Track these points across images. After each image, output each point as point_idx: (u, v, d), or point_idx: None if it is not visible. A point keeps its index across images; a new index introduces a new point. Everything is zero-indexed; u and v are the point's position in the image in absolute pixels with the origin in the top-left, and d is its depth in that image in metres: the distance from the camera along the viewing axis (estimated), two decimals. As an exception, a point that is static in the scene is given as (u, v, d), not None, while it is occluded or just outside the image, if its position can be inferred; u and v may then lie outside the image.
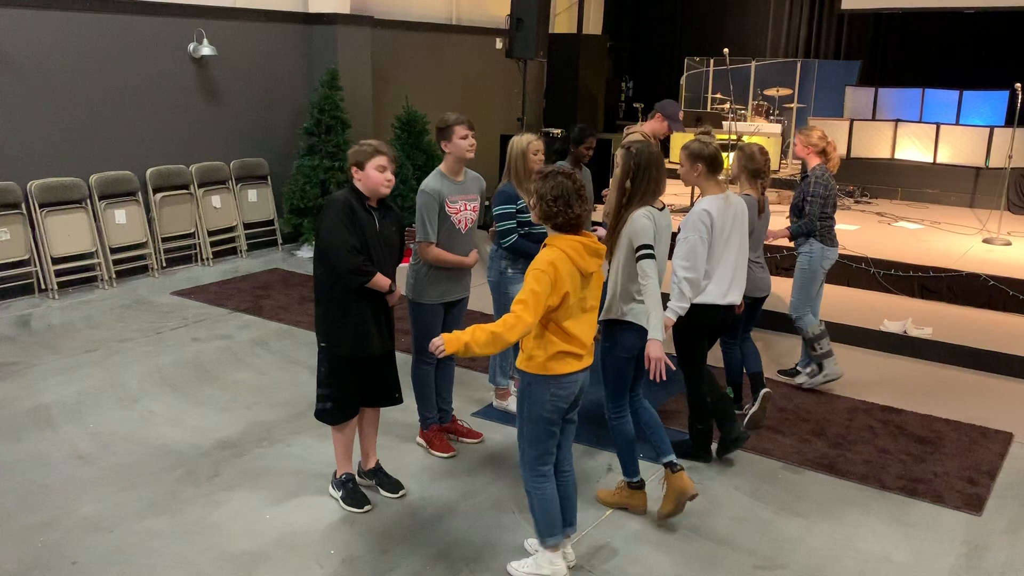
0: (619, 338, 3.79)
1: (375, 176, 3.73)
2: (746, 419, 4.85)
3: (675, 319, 4.00)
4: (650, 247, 3.66)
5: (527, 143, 4.64)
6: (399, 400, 4.11)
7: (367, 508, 3.97)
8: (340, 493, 4.02)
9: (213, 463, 4.38)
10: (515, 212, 4.56)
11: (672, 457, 3.93)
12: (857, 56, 13.08)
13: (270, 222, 8.88)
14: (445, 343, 3.10)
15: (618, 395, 3.91)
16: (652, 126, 5.70)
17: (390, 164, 3.76)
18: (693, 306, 4.07)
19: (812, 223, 5.33)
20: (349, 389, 3.90)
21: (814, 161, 5.40)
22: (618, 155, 3.83)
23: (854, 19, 12.90)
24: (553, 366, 3.24)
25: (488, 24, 11.22)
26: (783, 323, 6.24)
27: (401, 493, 4.11)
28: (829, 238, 5.43)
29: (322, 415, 3.95)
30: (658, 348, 3.62)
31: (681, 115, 5.95)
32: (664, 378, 3.60)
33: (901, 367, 6.10)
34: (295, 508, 3.99)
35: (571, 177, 3.21)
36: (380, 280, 3.75)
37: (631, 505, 4.02)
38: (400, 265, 3.99)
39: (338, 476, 4.07)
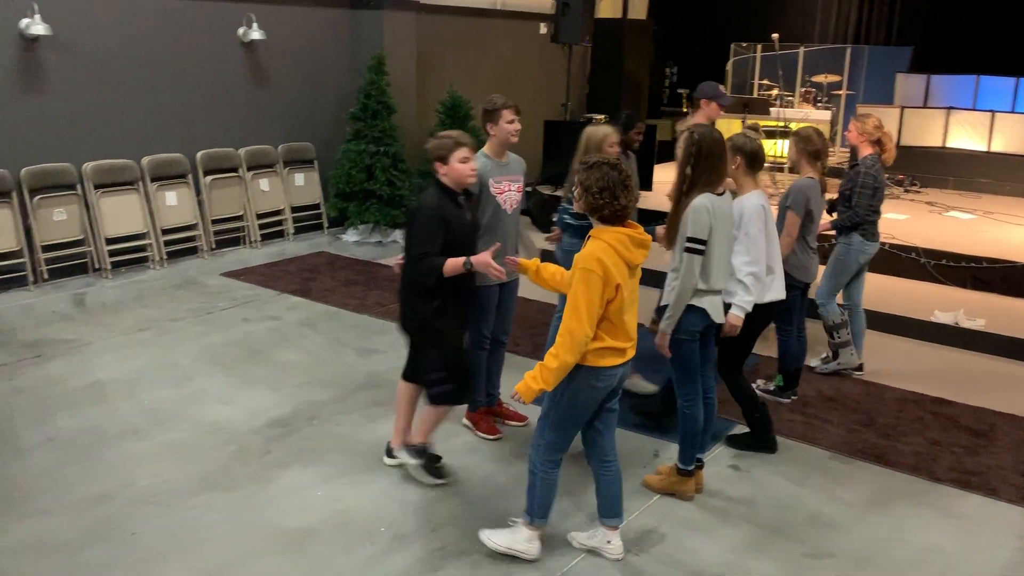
0: (681, 322, 3.77)
1: (460, 168, 3.78)
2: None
3: (743, 316, 3.98)
4: (700, 242, 3.66)
5: (603, 135, 4.55)
6: None
7: (441, 481, 4.05)
8: (417, 461, 4.06)
9: (264, 441, 4.47)
10: None
11: (701, 456, 4.05)
12: (909, 42, 12.80)
13: (316, 206, 8.98)
14: (523, 396, 3.15)
15: (688, 380, 3.88)
16: (703, 114, 5.65)
17: (471, 153, 3.81)
18: (757, 304, 4.06)
19: (858, 215, 5.23)
20: (466, 368, 3.97)
21: (867, 150, 5.29)
22: (680, 140, 3.80)
23: (906, 4, 12.64)
24: (595, 359, 3.21)
25: (533, 9, 11.18)
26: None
27: (443, 481, 4.11)
28: (871, 233, 5.33)
29: (443, 398, 3.91)
30: (662, 339, 3.78)
31: (723, 88, 5.86)
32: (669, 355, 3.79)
33: (952, 358, 6.00)
34: (345, 486, 4.05)
35: (617, 167, 3.17)
36: (453, 263, 3.69)
37: (679, 491, 4.02)
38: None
39: (415, 444, 4.07)
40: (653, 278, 4.66)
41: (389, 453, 4.22)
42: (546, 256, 5.63)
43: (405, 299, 3.96)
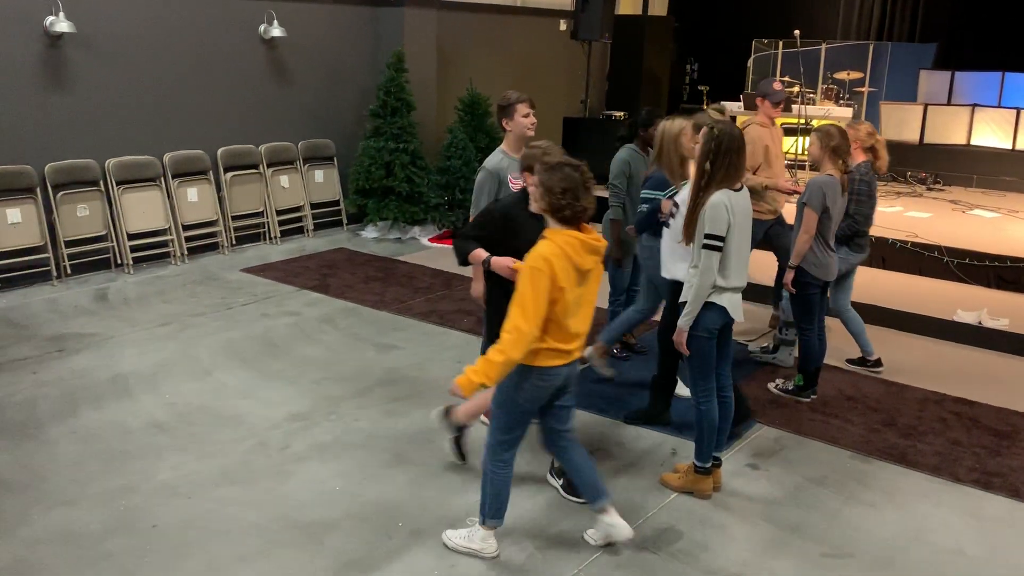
0: (699, 319, 3.76)
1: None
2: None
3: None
4: (719, 239, 3.66)
5: (679, 128, 4.55)
6: None
7: (461, 462, 4.17)
8: (452, 433, 4.14)
9: (284, 435, 4.50)
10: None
11: (718, 455, 4.05)
12: (933, 39, 12.65)
13: (336, 202, 9.01)
14: (461, 389, 3.10)
15: (704, 377, 3.88)
16: (765, 113, 5.74)
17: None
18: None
19: (858, 222, 5.18)
20: None
21: (860, 157, 5.21)
22: (699, 135, 3.79)
23: (931, 0, 12.48)
24: (537, 359, 3.21)
25: (553, 6, 11.16)
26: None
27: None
28: (858, 245, 5.29)
29: None
30: (680, 336, 3.82)
31: (777, 85, 5.88)
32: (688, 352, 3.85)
33: (975, 358, 5.94)
34: (363, 480, 4.07)
35: (579, 168, 3.17)
36: (478, 254, 3.76)
37: (697, 490, 4.00)
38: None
39: (458, 419, 4.12)
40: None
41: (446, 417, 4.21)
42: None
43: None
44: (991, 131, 10.46)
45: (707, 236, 3.66)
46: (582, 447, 3.56)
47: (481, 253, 3.73)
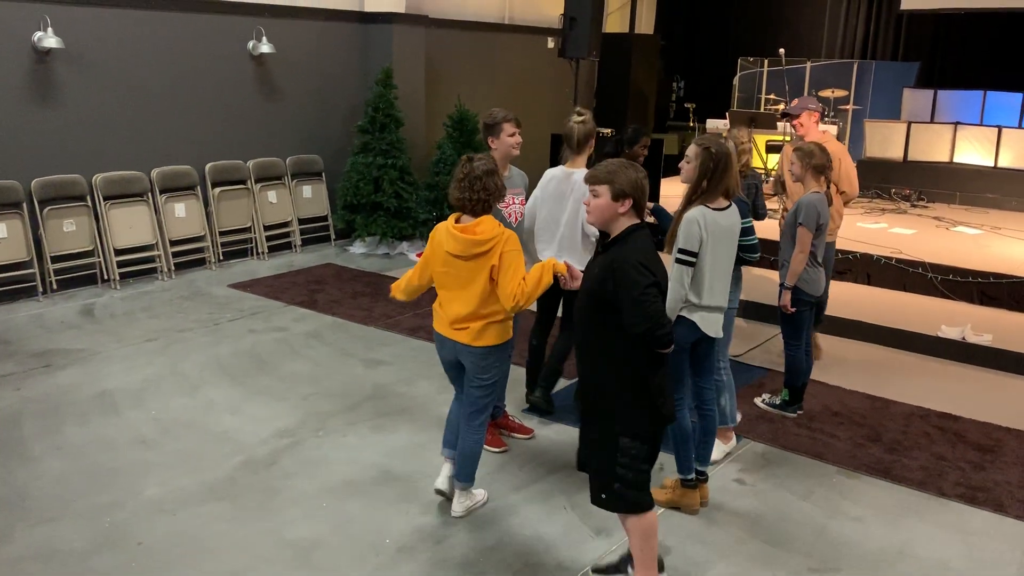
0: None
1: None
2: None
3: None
4: (690, 254, 3.70)
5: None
6: None
7: None
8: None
9: (271, 451, 4.48)
10: None
11: (704, 470, 4.06)
12: (916, 57, 12.83)
13: (324, 218, 9.02)
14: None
15: (675, 388, 3.90)
16: (814, 128, 5.73)
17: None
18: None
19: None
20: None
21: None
22: (691, 151, 3.81)
23: (913, 19, 12.66)
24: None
25: (540, 23, 11.25)
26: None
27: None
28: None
29: (625, 505, 3.23)
30: None
31: (795, 103, 5.99)
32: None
33: (959, 373, 5.99)
34: (351, 497, 4.06)
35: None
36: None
37: (684, 504, 4.02)
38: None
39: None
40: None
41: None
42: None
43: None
44: (973, 149, 10.58)
45: (679, 251, 3.72)
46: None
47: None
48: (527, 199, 4.64)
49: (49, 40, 6.62)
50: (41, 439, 4.51)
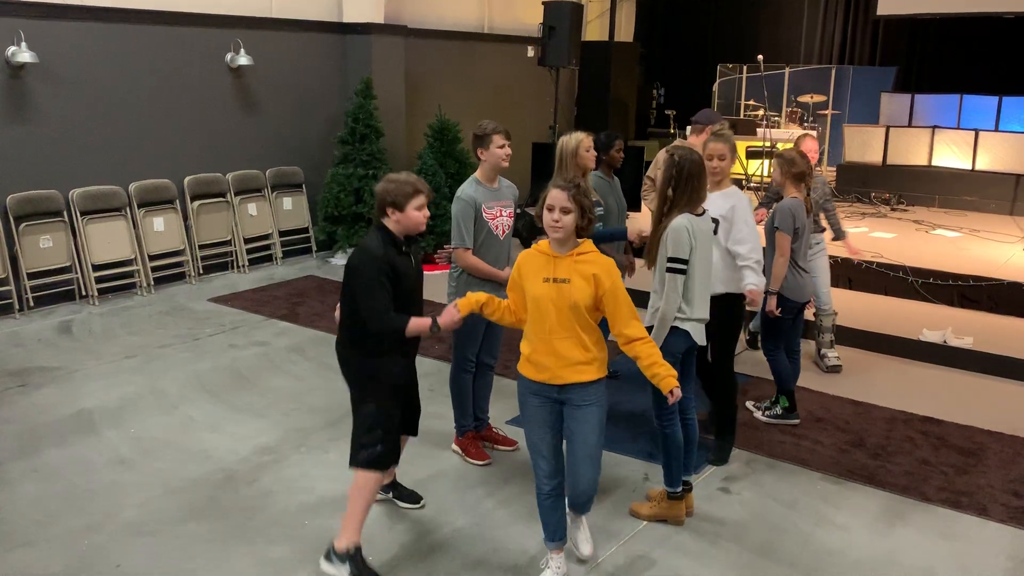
0: (664, 343, 3.77)
1: (415, 216, 3.46)
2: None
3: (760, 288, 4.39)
4: (683, 262, 3.68)
5: (576, 142, 4.68)
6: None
7: None
8: (349, 570, 3.46)
9: (252, 469, 4.43)
10: None
11: (689, 480, 4.04)
12: (893, 62, 12.92)
13: (305, 230, 8.97)
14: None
15: (665, 400, 3.87)
16: (700, 139, 5.75)
17: (427, 200, 3.52)
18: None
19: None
20: (396, 425, 3.60)
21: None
22: (660, 159, 3.84)
23: (889, 25, 12.75)
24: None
25: (520, 32, 11.26)
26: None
27: (421, 504, 4.08)
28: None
29: (374, 462, 3.51)
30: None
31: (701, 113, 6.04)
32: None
33: (940, 377, 6.01)
34: (333, 514, 4.00)
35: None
36: (419, 324, 3.41)
37: (670, 516, 3.99)
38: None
39: (344, 548, 3.46)
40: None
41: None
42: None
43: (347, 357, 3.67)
44: (951, 152, 10.67)
45: (670, 260, 3.70)
46: None
47: (419, 323, 3.41)
48: (514, 212, 4.61)
49: (23, 55, 6.55)
50: (17, 460, 4.44)
